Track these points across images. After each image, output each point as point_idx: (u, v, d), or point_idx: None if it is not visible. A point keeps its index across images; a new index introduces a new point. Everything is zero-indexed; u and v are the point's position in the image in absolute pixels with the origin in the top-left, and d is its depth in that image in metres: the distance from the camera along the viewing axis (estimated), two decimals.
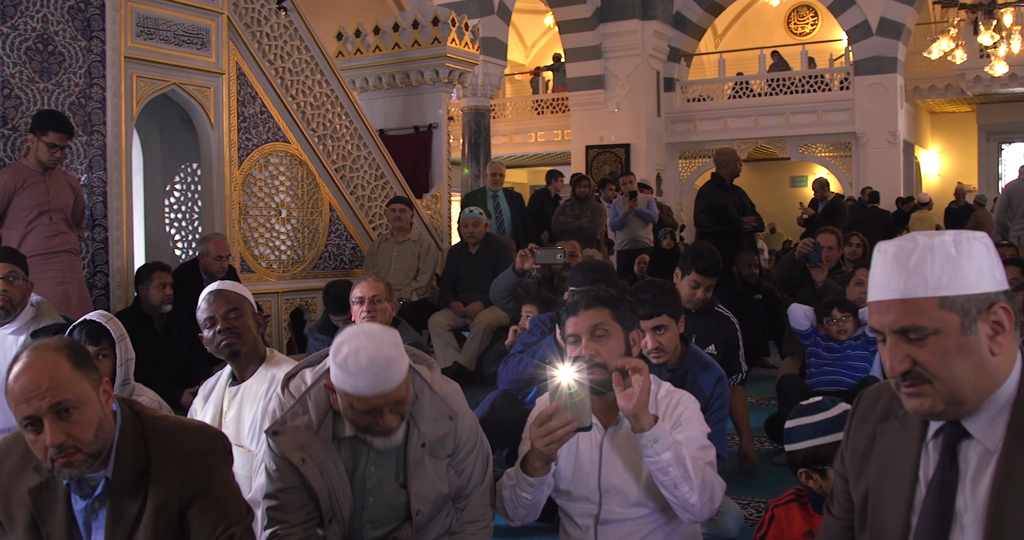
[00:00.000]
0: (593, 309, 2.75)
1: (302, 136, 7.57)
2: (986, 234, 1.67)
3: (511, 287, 5.65)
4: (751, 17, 24.72)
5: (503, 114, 21.06)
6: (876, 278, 1.67)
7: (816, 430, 2.66)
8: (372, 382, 2.39)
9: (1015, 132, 21.13)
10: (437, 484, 2.65)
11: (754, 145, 18.74)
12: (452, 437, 2.67)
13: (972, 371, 1.60)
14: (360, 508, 2.65)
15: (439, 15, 9.33)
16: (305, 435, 2.56)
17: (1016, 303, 1.65)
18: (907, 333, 1.61)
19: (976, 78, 17.71)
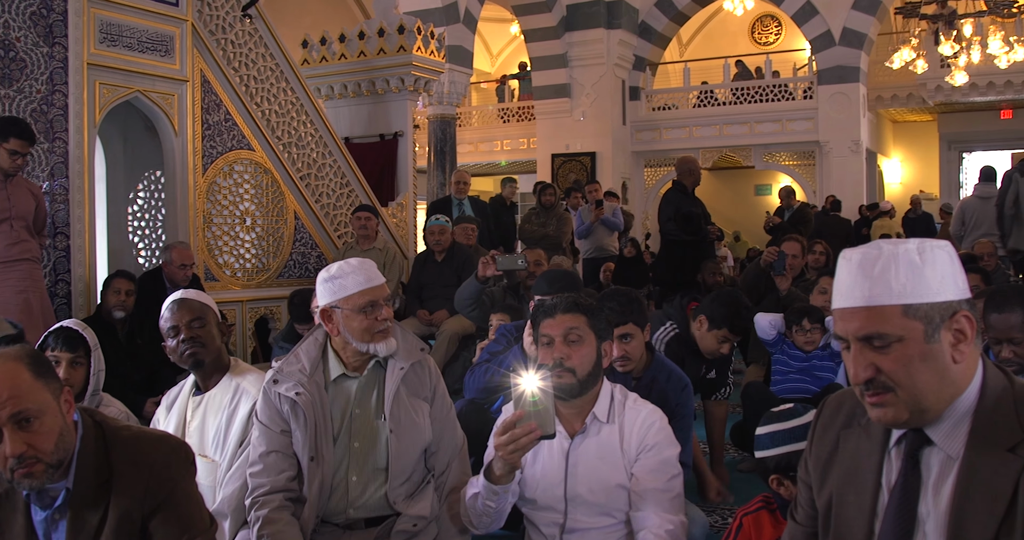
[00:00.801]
0: (571, 314, 2.77)
1: (267, 144, 7.54)
2: (949, 243, 1.69)
3: (475, 295, 5.65)
4: (715, 27, 24.88)
5: (469, 122, 21.06)
6: (840, 285, 1.68)
7: (790, 436, 2.67)
8: (367, 275, 2.85)
9: (975, 141, 21.39)
10: (415, 420, 2.90)
11: (719, 154, 18.86)
12: (426, 371, 3.02)
13: (935, 379, 1.61)
14: (345, 462, 2.84)
15: (405, 23, 9.32)
16: (300, 377, 2.86)
17: (977, 311, 1.66)
18: (871, 340, 1.62)
19: (937, 88, 17.90)
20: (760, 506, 2.81)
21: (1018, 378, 1.70)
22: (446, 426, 3.04)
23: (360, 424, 2.88)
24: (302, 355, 2.93)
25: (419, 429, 2.92)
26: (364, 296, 2.82)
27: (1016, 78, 17.37)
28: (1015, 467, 1.55)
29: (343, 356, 2.93)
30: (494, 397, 3.94)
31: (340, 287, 2.84)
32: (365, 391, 2.92)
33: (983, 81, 17.47)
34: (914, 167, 22.55)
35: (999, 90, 17.94)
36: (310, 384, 2.85)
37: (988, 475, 1.57)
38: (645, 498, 2.70)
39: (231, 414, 3.08)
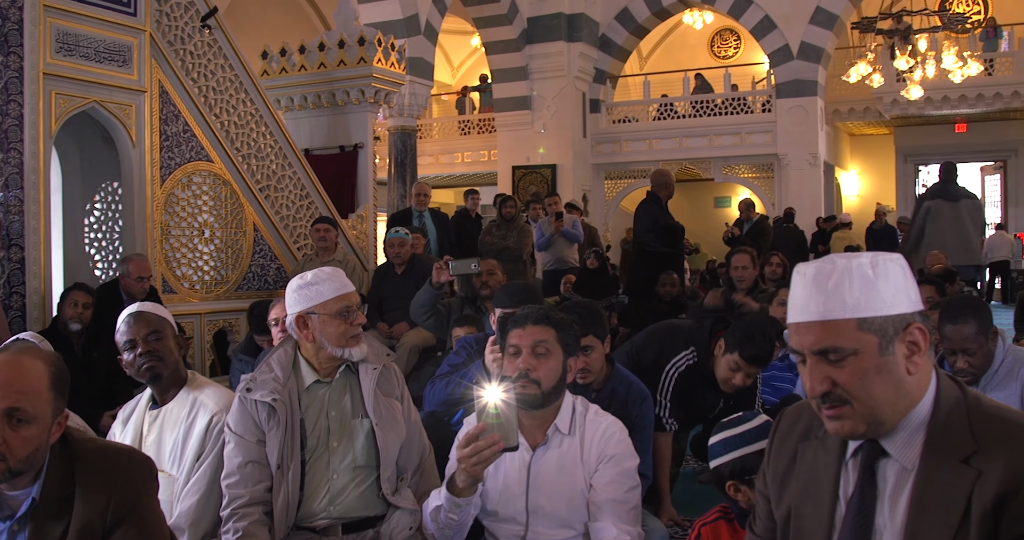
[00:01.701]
0: (541, 326, 2.78)
1: (226, 155, 7.49)
2: (901, 255, 1.71)
3: (430, 302, 5.64)
4: (675, 40, 25.06)
5: (430, 134, 21.06)
6: (795, 300, 1.70)
7: (741, 441, 2.69)
8: (341, 281, 2.95)
9: (931, 154, 21.66)
10: (394, 416, 2.99)
11: (679, 166, 18.96)
12: (393, 375, 3.11)
13: (890, 391, 1.63)
14: (324, 461, 2.90)
15: (365, 35, 9.31)
16: (274, 384, 2.92)
17: (930, 323, 1.68)
18: (826, 354, 1.63)
19: (893, 101, 18.12)
20: (718, 516, 2.82)
21: (971, 389, 1.72)
22: (414, 428, 3.10)
23: (338, 425, 2.94)
24: (274, 364, 2.98)
25: (398, 425, 3.00)
26: (340, 301, 2.91)
27: (970, 92, 17.64)
28: (969, 478, 1.56)
29: (314, 363, 2.98)
30: (454, 410, 3.94)
31: (316, 293, 2.90)
32: (339, 395, 2.98)
33: (938, 95, 17.71)
34: (871, 180, 22.80)
35: (954, 104, 18.21)
36: (284, 391, 2.91)
37: (943, 486, 1.59)
38: (603, 509, 2.71)
39: (188, 428, 3.06)
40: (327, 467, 2.89)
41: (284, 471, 2.84)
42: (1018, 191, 20.73)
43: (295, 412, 2.90)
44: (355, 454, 2.91)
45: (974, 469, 1.56)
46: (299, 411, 2.92)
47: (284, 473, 2.84)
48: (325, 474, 2.89)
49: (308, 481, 2.88)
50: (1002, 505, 1.52)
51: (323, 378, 2.99)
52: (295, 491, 2.84)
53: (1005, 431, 1.59)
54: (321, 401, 2.97)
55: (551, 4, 17.91)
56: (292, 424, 2.88)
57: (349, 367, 3.02)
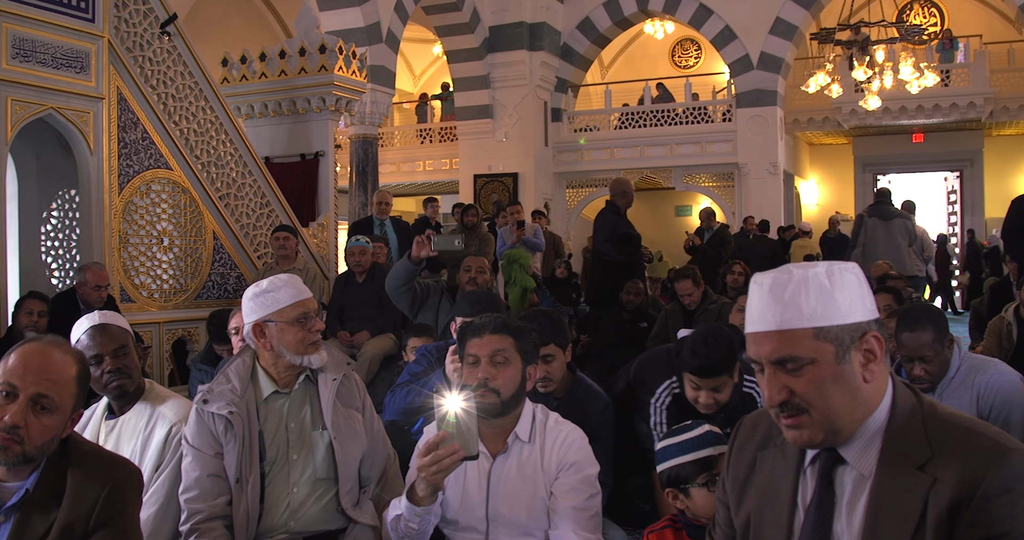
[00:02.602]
0: (499, 335, 2.78)
1: (185, 163, 7.44)
2: (856, 265, 1.73)
3: (406, 277, 5.48)
4: (636, 49, 25.18)
5: (391, 142, 21.01)
6: (753, 310, 1.71)
7: (679, 450, 2.70)
8: (298, 288, 2.93)
9: (889, 164, 21.91)
10: (353, 427, 2.98)
11: (640, 175, 19.03)
12: (354, 384, 3.10)
13: (847, 399, 1.65)
14: (284, 474, 2.88)
15: (326, 43, 9.28)
16: (231, 396, 2.89)
17: (886, 331, 1.70)
18: (784, 363, 1.65)
19: (852, 111, 18.29)
20: (666, 525, 2.83)
21: (926, 396, 1.75)
22: (376, 438, 3.11)
23: (297, 436, 2.92)
24: (232, 375, 2.95)
25: (358, 437, 2.99)
26: (297, 308, 2.90)
27: (927, 103, 17.85)
28: (924, 484, 1.58)
29: (273, 373, 2.96)
30: (415, 419, 3.92)
31: (273, 300, 2.88)
32: (298, 405, 2.97)
33: (895, 105, 17.91)
34: (830, 189, 23.00)
35: (911, 114, 18.42)
36: (241, 403, 2.88)
37: (899, 493, 1.60)
38: (563, 516, 2.70)
39: (146, 439, 3.03)
40: (287, 480, 2.87)
41: (243, 484, 2.82)
42: (974, 201, 20.99)
43: (253, 424, 2.87)
44: (315, 467, 2.90)
45: (929, 476, 1.58)
46: (257, 423, 2.89)
47: (243, 487, 2.82)
48: (285, 487, 2.86)
49: (268, 494, 2.85)
50: (957, 511, 1.54)
51: (282, 389, 2.96)
52: (255, 505, 2.82)
53: (960, 438, 1.61)
54: (280, 413, 2.94)
55: (513, 13, 17.95)
56: (250, 436, 2.85)
57: (309, 377, 2.99)
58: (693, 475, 2.64)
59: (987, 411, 3.73)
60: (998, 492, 1.52)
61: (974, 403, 3.74)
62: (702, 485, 2.61)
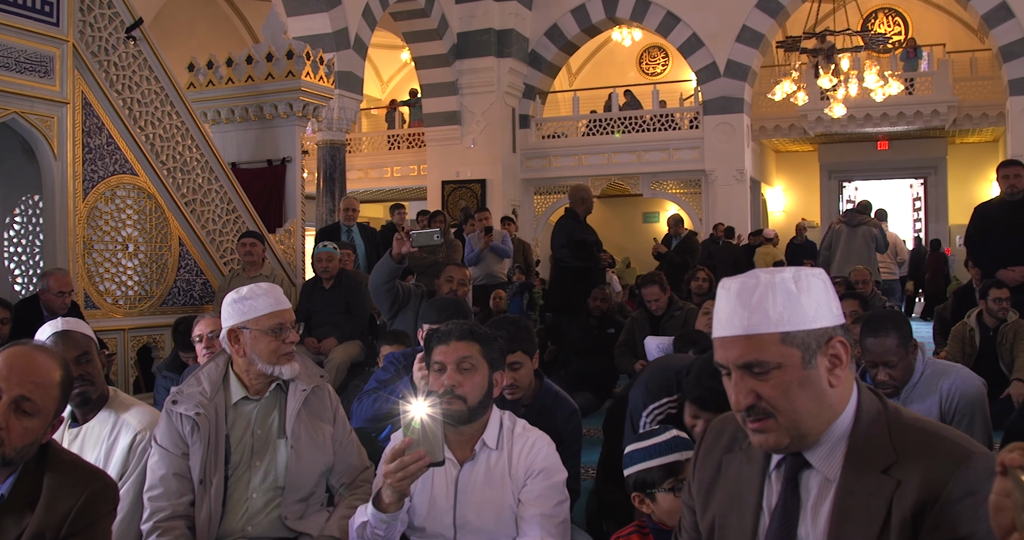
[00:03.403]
0: (465, 341, 2.78)
1: (151, 169, 7.39)
2: (823, 270, 1.74)
3: (388, 274, 5.45)
4: (604, 56, 25.27)
5: (359, 148, 20.97)
6: (720, 315, 1.72)
7: (645, 454, 2.71)
8: (276, 298, 2.94)
9: (854, 171, 22.11)
10: (316, 440, 2.96)
11: (607, 181, 19.09)
12: (326, 395, 3.09)
13: (813, 403, 1.66)
14: (245, 480, 2.88)
15: (294, 48, 9.25)
16: (200, 398, 2.91)
17: (851, 336, 1.71)
18: (751, 368, 1.66)
19: (817, 119, 18.42)
20: (632, 531, 2.84)
21: (891, 401, 1.76)
22: (348, 449, 3.09)
23: (262, 444, 2.92)
24: (203, 378, 2.98)
25: (320, 450, 2.97)
26: (273, 318, 2.91)
27: (891, 111, 18.02)
28: (888, 488, 1.60)
29: (245, 379, 2.97)
30: (382, 426, 3.91)
31: (250, 308, 2.90)
32: (266, 413, 2.98)
33: (860, 113, 18.06)
34: (796, 195, 23.16)
35: (876, 122, 18.58)
36: (210, 406, 2.89)
37: (863, 496, 1.62)
38: (531, 523, 2.70)
39: (110, 447, 3.01)
40: (247, 486, 2.87)
41: (207, 486, 2.82)
42: (938, 208, 21.20)
43: (221, 427, 2.88)
44: (276, 474, 2.90)
45: (893, 479, 1.60)
46: (225, 426, 2.90)
47: (207, 488, 2.82)
48: (245, 493, 2.86)
49: (229, 498, 2.85)
50: (920, 514, 1.55)
51: (252, 395, 2.96)
52: (217, 507, 2.81)
53: (923, 442, 1.63)
54: (248, 418, 2.95)
55: (481, 20, 17.97)
56: (215, 439, 2.85)
57: (280, 386, 2.99)
58: (659, 480, 2.64)
59: (951, 415, 3.77)
60: (961, 495, 1.53)
61: (938, 407, 3.78)
62: (668, 490, 2.62)
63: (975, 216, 7.40)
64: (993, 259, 7.07)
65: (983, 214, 7.32)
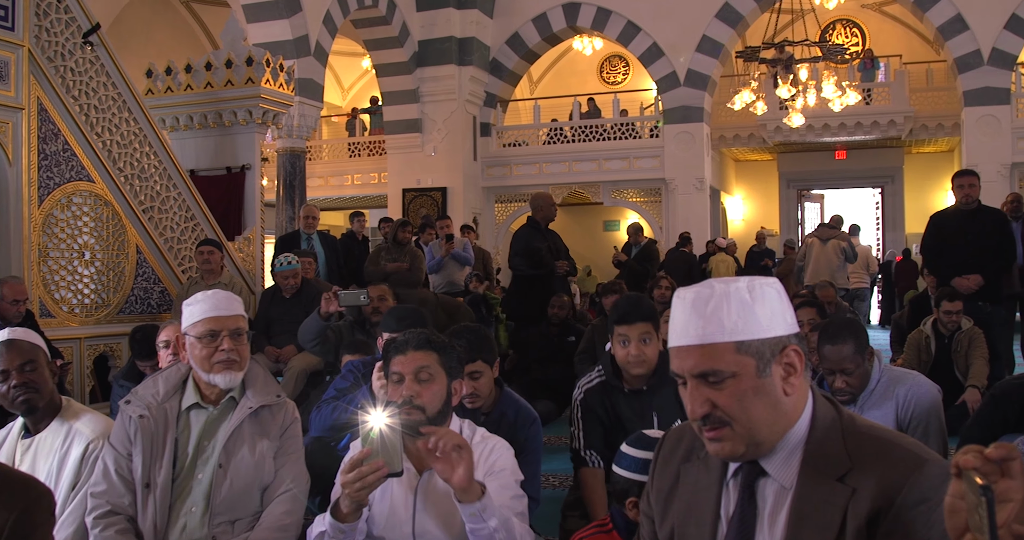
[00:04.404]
0: (422, 351, 2.76)
1: (108, 175, 7.31)
2: (777, 280, 1.76)
3: (318, 332, 5.61)
4: (565, 65, 25.34)
5: (319, 156, 20.89)
6: (676, 324, 1.73)
7: (648, 466, 2.69)
8: (214, 304, 2.92)
9: (812, 180, 22.31)
10: (251, 461, 2.89)
11: (568, 190, 19.16)
12: (281, 413, 3.02)
13: (769, 411, 1.67)
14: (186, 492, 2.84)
15: (253, 55, 9.19)
16: (151, 401, 2.91)
17: (806, 345, 1.73)
18: (706, 377, 1.66)
19: (776, 128, 18.57)
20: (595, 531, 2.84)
21: (845, 409, 1.78)
22: (286, 468, 3.00)
23: (207, 456, 2.88)
24: (160, 380, 2.99)
25: (259, 469, 2.90)
26: (205, 324, 2.90)
27: (849, 121, 18.21)
28: (843, 496, 1.61)
29: (200, 385, 2.96)
30: (341, 435, 3.89)
31: (190, 314, 2.92)
32: (215, 424, 2.93)
33: (819, 123, 18.24)
34: (756, 204, 23.32)
35: (833, 132, 18.77)
36: (158, 409, 2.88)
37: (819, 504, 1.63)
38: None
39: (63, 457, 2.97)
40: (189, 496, 2.83)
41: (152, 489, 2.81)
42: (895, 216, 21.43)
43: (169, 431, 2.86)
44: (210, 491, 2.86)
45: (848, 487, 1.61)
46: (174, 430, 2.88)
47: (152, 491, 2.80)
48: (185, 505, 2.82)
49: (173, 505, 2.82)
50: (875, 521, 1.57)
51: (204, 403, 2.93)
52: (163, 513, 2.78)
53: (878, 450, 1.65)
54: (198, 426, 2.93)
55: (442, 27, 17.98)
56: (159, 443, 2.84)
57: (234, 398, 2.96)
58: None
59: (907, 422, 3.81)
60: (915, 502, 1.54)
61: (894, 414, 3.82)
62: None
63: (931, 225, 7.49)
64: (949, 267, 7.17)
65: (939, 223, 7.42)
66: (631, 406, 3.87)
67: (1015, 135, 16.29)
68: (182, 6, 20.73)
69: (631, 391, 3.88)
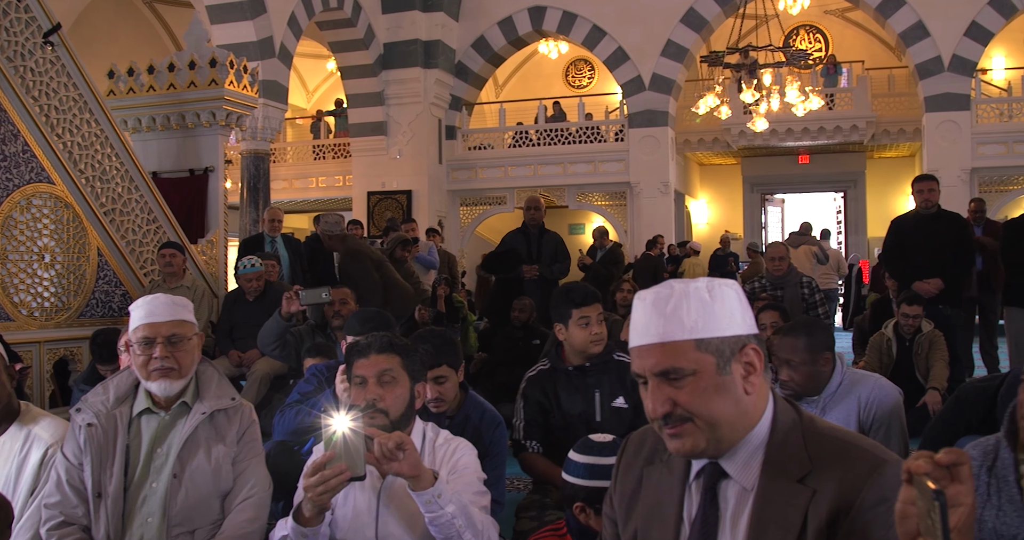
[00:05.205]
0: (385, 354, 2.76)
1: (68, 177, 7.23)
2: (736, 282, 1.78)
3: (279, 333, 5.57)
4: (531, 69, 25.38)
5: (283, 158, 20.81)
6: (637, 325, 1.74)
7: (602, 473, 2.70)
8: (149, 310, 2.84)
9: (776, 184, 22.51)
10: (206, 468, 2.84)
11: (533, 193, 19.16)
12: (238, 417, 2.96)
13: (729, 408, 1.68)
14: (140, 501, 2.79)
15: (217, 56, 9.13)
16: (100, 408, 2.86)
17: (765, 346, 1.74)
18: (667, 375, 1.67)
19: (740, 133, 18.70)
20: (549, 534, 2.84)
21: (806, 411, 1.79)
22: (246, 473, 2.96)
23: (160, 464, 2.83)
24: (111, 386, 2.93)
25: (216, 476, 2.87)
26: (141, 330, 2.85)
27: (812, 125, 18.36)
28: (804, 497, 1.62)
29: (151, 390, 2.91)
30: (305, 438, 3.87)
31: (132, 319, 2.88)
32: (167, 430, 2.88)
33: (782, 127, 18.38)
34: (720, 208, 23.47)
35: (797, 136, 18.92)
36: (108, 416, 2.83)
37: (780, 506, 1.64)
38: None
39: (21, 462, 2.93)
40: (144, 506, 2.80)
41: (104, 499, 2.76)
42: (857, 220, 21.63)
43: (120, 438, 2.82)
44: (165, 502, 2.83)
45: (809, 488, 1.63)
46: (126, 437, 2.84)
47: (104, 501, 2.76)
48: (141, 513, 2.79)
49: (127, 515, 2.79)
50: (835, 522, 1.58)
51: (156, 408, 2.90)
52: (116, 523, 2.74)
53: (838, 451, 1.66)
54: (150, 433, 2.88)
55: (408, 30, 17.97)
56: (109, 451, 2.79)
57: (186, 404, 2.92)
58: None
59: (868, 424, 3.85)
60: (874, 503, 1.56)
61: (856, 416, 3.85)
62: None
63: (891, 229, 7.57)
64: (909, 271, 7.24)
65: (899, 227, 7.50)
66: (573, 384, 4.12)
67: (975, 140, 16.51)
68: (145, 7, 20.59)
69: (575, 368, 4.14)
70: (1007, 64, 21.17)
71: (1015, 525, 2.36)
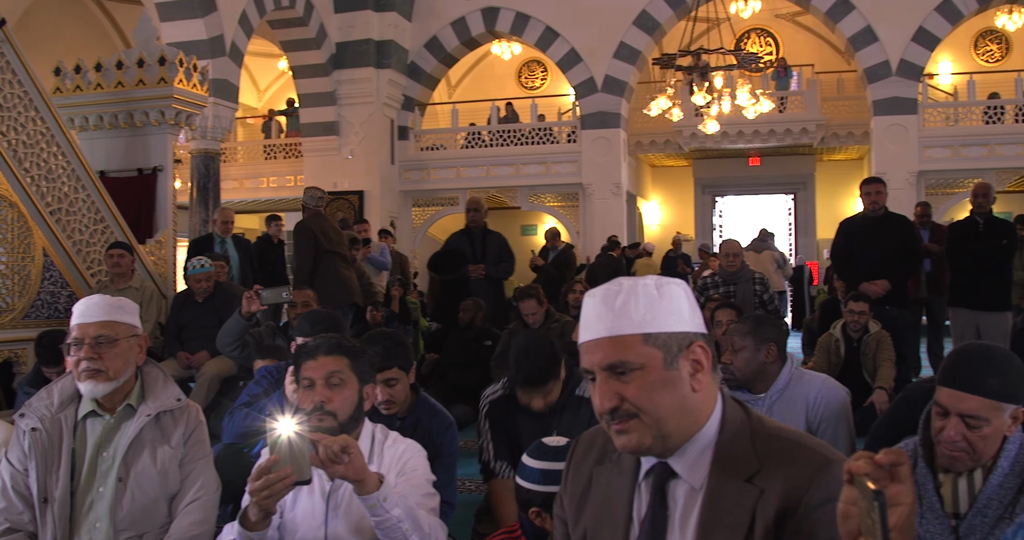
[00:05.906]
0: (332, 356, 2.74)
1: (13, 176, 7.12)
2: (683, 281, 1.79)
3: (239, 333, 5.51)
4: (484, 70, 25.37)
5: (234, 158, 20.62)
6: (586, 320, 1.74)
7: (556, 478, 2.69)
8: (82, 311, 2.83)
9: (727, 186, 22.68)
10: (153, 471, 2.81)
11: (486, 194, 19.15)
12: (184, 419, 2.93)
13: (676, 404, 1.68)
14: (87, 506, 2.76)
15: (166, 54, 9.02)
16: (44, 412, 2.83)
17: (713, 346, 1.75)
18: (615, 369, 1.68)
19: (692, 135, 18.83)
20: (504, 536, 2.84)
21: (754, 410, 1.80)
22: (193, 475, 2.94)
23: (106, 468, 2.80)
24: (54, 390, 2.90)
25: (160, 479, 2.84)
26: (72, 331, 2.86)
27: (763, 128, 18.52)
28: (752, 496, 1.63)
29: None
30: (254, 441, 3.84)
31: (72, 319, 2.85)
32: (112, 432, 2.85)
33: (733, 130, 18.52)
34: (672, 209, 23.61)
35: (748, 139, 19.08)
36: (52, 421, 2.79)
37: (729, 505, 1.65)
38: None
39: None
40: (92, 511, 2.77)
41: (50, 504, 2.73)
42: (807, 222, 21.85)
43: (66, 442, 2.78)
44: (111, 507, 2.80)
45: (757, 488, 1.64)
46: (72, 441, 2.80)
47: (50, 507, 2.72)
48: (88, 518, 2.76)
49: (75, 520, 2.75)
50: (782, 521, 1.59)
51: (101, 411, 2.86)
52: (63, 529, 2.71)
53: (785, 450, 1.68)
54: (96, 436, 2.85)
55: (360, 30, 17.89)
56: (54, 455, 2.76)
57: (131, 405, 2.89)
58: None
59: (816, 424, 3.88)
60: (820, 502, 1.57)
61: (804, 416, 3.89)
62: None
63: (840, 231, 7.66)
64: (857, 272, 7.33)
65: (847, 229, 7.59)
66: (533, 422, 3.90)
67: (922, 144, 16.75)
68: (93, 3, 20.31)
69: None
70: (953, 69, 21.52)
71: (938, 532, 2.40)
